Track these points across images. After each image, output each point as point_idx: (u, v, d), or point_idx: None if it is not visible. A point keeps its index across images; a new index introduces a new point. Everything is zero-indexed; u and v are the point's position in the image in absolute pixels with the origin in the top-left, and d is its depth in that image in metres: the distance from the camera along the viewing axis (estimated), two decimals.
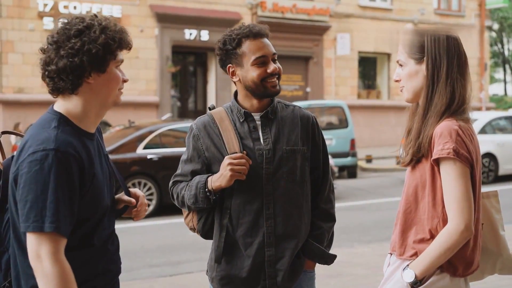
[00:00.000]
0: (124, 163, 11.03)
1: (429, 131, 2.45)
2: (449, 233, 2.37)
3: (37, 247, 2.08)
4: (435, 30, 2.56)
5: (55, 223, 2.08)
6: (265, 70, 2.80)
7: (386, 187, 14.59)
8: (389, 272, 2.57)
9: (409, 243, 2.51)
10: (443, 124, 2.43)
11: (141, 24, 20.08)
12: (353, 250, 7.94)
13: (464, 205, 2.36)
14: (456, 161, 2.37)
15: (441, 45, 2.49)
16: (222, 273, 2.88)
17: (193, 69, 23.11)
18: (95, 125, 2.35)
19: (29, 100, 18.31)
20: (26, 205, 2.10)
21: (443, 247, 2.37)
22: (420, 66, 2.51)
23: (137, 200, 2.55)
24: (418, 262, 2.42)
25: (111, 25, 2.27)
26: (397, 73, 2.61)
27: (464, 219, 2.36)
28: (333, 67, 23.82)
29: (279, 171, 2.83)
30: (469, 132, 2.45)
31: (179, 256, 8.18)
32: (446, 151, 2.37)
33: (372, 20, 24.59)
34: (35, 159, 2.11)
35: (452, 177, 2.38)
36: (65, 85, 2.22)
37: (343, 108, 16.59)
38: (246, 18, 21.69)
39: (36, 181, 2.09)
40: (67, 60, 2.19)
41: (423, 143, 2.46)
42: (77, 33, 2.21)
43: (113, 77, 2.28)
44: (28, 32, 18.57)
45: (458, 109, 2.48)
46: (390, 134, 24.15)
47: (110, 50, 2.24)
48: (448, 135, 2.39)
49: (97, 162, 2.30)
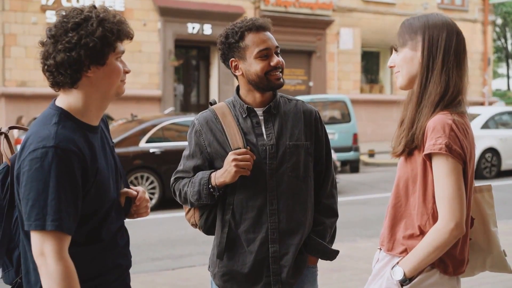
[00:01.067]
0: (127, 157, 11.03)
1: (423, 122, 2.37)
2: (439, 231, 2.29)
3: (40, 245, 2.07)
4: (430, 17, 2.48)
5: (57, 221, 2.06)
6: (269, 63, 2.78)
7: (388, 182, 14.57)
8: (378, 269, 2.51)
9: (398, 238, 2.45)
10: (436, 117, 2.34)
11: (144, 18, 20.07)
12: (355, 245, 7.95)
13: (456, 203, 2.29)
14: (449, 157, 2.28)
15: (439, 32, 2.42)
16: (224, 269, 2.86)
17: (195, 63, 23.10)
18: (98, 117, 2.32)
19: (32, 93, 18.33)
20: (28, 203, 2.08)
21: (432, 246, 2.30)
22: (416, 52, 2.43)
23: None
24: (408, 260, 2.36)
25: (109, 16, 2.22)
26: (392, 59, 2.53)
27: (455, 217, 2.28)
28: (336, 61, 23.80)
29: (282, 167, 2.80)
30: (463, 127, 2.36)
31: (181, 250, 8.19)
32: (438, 147, 2.28)
33: (375, 15, 24.54)
34: (36, 156, 2.09)
35: (444, 174, 2.30)
36: (64, 79, 2.19)
37: (345, 103, 16.57)
38: (249, 12, 21.67)
39: (37, 179, 2.08)
40: (64, 54, 2.16)
41: (416, 134, 2.38)
42: (75, 26, 2.17)
43: (114, 69, 2.24)
44: (31, 26, 18.58)
45: (453, 101, 2.39)
46: (392, 129, 23.75)
47: (108, 42, 2.19)
48: (441, 129, 2.30)
49: (101, 156, 2.28)
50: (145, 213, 2.51)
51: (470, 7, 27.09)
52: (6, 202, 2.23)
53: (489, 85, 27.97)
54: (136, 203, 2.46)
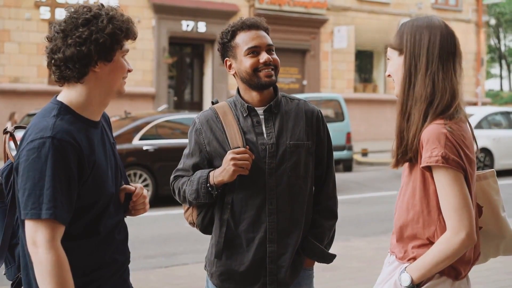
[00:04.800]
0: (120, 154, 10.87)
1: (414, 132, 2.30)
2: (449, 241, 2.25)
3: (33, 234, 2.10)
4: (416, 20, 2.40)
5: (52, 209, 2.09)
6: (258, 60, 2.77)
7: (381, 181, 14.61)
8: (387, 272, 2.49)
9: (407, 246, 2.41)
10: (430, 128, 2.27)
11: (138, 15, 20.02)
12: (348, 244, 7.96)
13: (463, 212, 2.23)
14: (448, 168, 2.23)
15: (421, 35, 2.34)
16: (222, 269, 2.84)
17: (189, 61, 23.07)
18: (99, 113, 2.36)
19: (25, 89, 18.27)
20: (25, 193, 2.11)
21: (442, 256, 2.26)
22: (402, 58, 2.38)
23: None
24: (416, 266, 2.32)
25: (118, 15, 2.29)
26: (388, 68, 2.50)
27: (465, 227, 2.23)
28: (329, 60, 23.81)
29: (282, 166, 2.78)
30: (459, 133, 2.28)
31: (174, 248, 8.19)
32: (434, 159, 2.23)
33: (369, 14, 24.57)
34: (33, 147, 2.12)
35: (445, 185, 2.25)
36: (71, 73, 2.23)
37: (339, 102, 16.59)
38: (244, 10, 21.67)
39: (34, 169, 2.11)
40: (74, 48, 2.20)
41: (409, 145, 2.32)
42: (85, 22, 2.22)
43: (119, 66, 2.32)
44: (24, 22, 18.51)
45: (448, 108, 2.30)
46: (386, 128, 24.17)
47: (117, 39, 2.26)
48: (436, 140, 2.24)
49: (100, 150, 2.30)
50: (142, 210, 2.53)
51: (464, 8, 27.14)
52: (9, 199, 2.26)
53: (482, 86, 28.04)
54: (133, 199, 2.48)
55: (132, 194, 2.48)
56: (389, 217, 10.10)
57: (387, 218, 10.09)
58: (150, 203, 7.86)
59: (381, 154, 19.26)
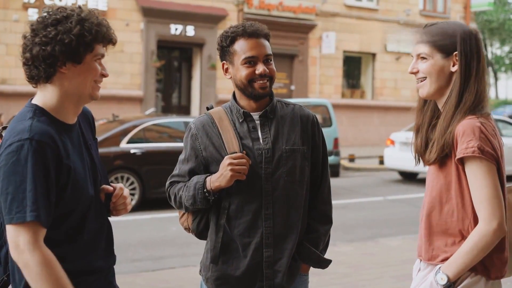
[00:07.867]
0: (108, 157, 10.97)
1: (452, 128, 2.39)
2: (482, 233, 2.30)
3: (15, 238, 2.08)
4: (461, 26, 2.50)
5: (36, 211, 2.08)
6: (254, 71, 2.75)
7: (368, 187, 14.66)
8: (421, 277, 2.51)
9: (437, 246, 2.45)
10: (464, 122, 2.36)
11: (127, 18, 19.99)
12: (335, 249, 7.96)
13: (495, 203, 2.30)
14: (482, 159, 2.30)
15: (473, 41, 2.44)
16: (218, 273, 2.83)
17: (177, 64, 23.04)
18: (74, 116, 2.34)
19: (12, 91, 18.18)
20: (7, 197, 2.10)
21: (476, 248, 2.31)
22: (448, 61, 2.45)
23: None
24: (451, 264, 2.36)
25: (91, 17, 2.26)
26: (413, 66, 2.52)
27: (496, 217, 2.29)
28: (318, 66, 23.87)
29: (278, 171, 2.78)
30: (491, 128, 2.38)
31: (161, 251, 8.17)
32: (471, 150, 2.30)
33: (357, 20, 24.66)
34: (11, 150, 2.12)
35: (479, 176, 2.31)
36: (38, 73, 2.22)
37: (327, 107, 16.61)
38: (232, 15, 21.68)
39: (14, 172, 2.10)
40: (39, 47, 2.20)
41: (446, 141, 2.39)
42: (54, 22, 2.22)
43: (90, 69, 2.27)
44: (12, 23, 18.42)
45: (478, 105, 2.42)
46: (373, 134, 24.26)
47: (85, 42, 2.22)
48: (472, 132, 2.32)
49: (75, 154, 2.29)
50: (123, 210, 2.50)
51: (452, 15, 27.31)
52: None
53: None
54: (113, 199, 2.46)
55: (112, 194, 2.45)
56: (376, 223, 10.16)
57: (374, 223, 10.11)
58: (137, 207, 7.81)
59: (368, 160, 19.31)
